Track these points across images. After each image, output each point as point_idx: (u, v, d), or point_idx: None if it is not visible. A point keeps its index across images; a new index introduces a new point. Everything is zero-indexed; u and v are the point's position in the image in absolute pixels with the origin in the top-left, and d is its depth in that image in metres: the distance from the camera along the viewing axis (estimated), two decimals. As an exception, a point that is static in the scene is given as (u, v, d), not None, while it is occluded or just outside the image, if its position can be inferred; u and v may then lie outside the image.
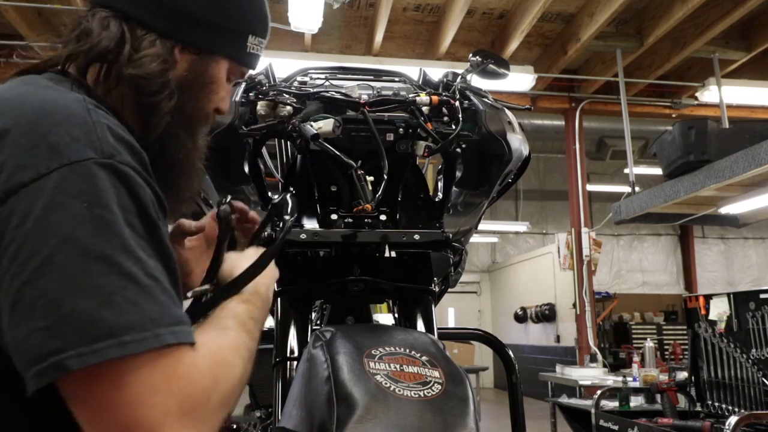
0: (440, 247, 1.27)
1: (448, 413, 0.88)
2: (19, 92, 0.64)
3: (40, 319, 0.52)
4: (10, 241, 0.54)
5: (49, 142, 0.57)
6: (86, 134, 0.59)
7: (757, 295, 2.71)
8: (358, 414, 0.83)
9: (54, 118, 0.59)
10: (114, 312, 0.53)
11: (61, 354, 0.51)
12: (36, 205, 0.54)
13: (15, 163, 0.56)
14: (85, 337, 0.51)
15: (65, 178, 0.56)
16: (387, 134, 1.24)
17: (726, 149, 3.80)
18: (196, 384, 0.57)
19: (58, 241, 0.53)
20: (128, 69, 0.71)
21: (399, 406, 0.85)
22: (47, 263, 0.53)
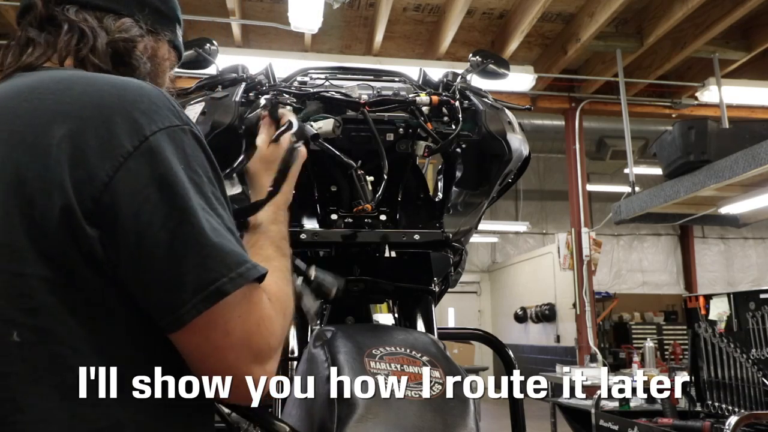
0: (440, 247, 1.27)
1: (448, 413, 0.88)
2: (73, 77, 0.70)
3: (191, 258, 0.61)
4: (145, 198, 0.62)
5: (141, 110, 0.65)
6: (165, 104, 0.68)
7: (757, 295, 2.71)
8: (359, 413, 0.83)
9: (132, 92, 0.67)
10: (236, 247, 0.64)
11: (217, 282, 0.61)
12: (153, 164, 0.63)
13: (121, 131, 0.63)
14: (230, 266, 0.62)
15: (165, 139, 0.64)
16: (387, 134, 1.24)
17: (726, 149, 3.80)
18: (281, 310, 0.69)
19: (183, 192, 0.63)
20: (113, 36, 0.78)
21: (399, 406, 0.85)
22: (185, 213, 0.62)
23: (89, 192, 0.61)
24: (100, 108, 0.64)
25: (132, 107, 0.65)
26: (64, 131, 0.63)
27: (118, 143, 0.62)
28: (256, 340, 0.64)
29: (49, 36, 0.77)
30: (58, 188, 0.61)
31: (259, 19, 5.81)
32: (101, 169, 0.62)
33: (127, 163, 0.62)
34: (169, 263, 0.61)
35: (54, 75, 0.71)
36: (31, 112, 0.65)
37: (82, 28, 0.78)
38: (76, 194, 0.61)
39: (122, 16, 0.81)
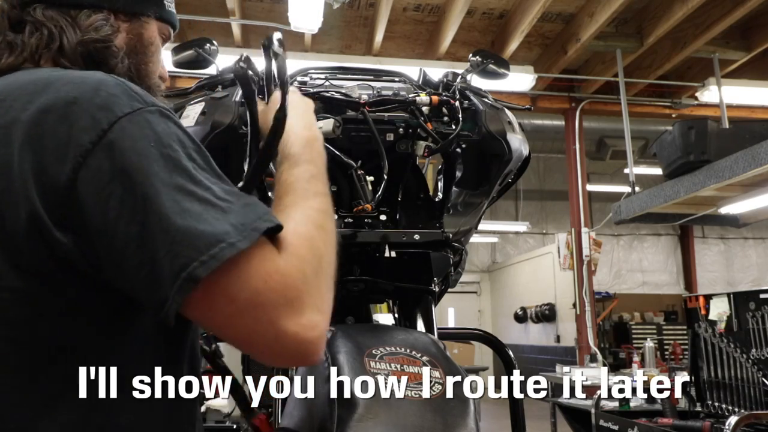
0: (440, 247, 1.27)
1: (448, 413, 0.88)
2: (38, 75, 0.69)
3: (161, 248, 0.58)
4: (108, 194, 0.60)
5: (98, 104, 0.63)
6: (124, 92, 0.66)
7: (757, 295, 2.71)
8: (359, 413, 0.83)
9: (90, 85, 0.65)
10: (211, 225, 0.59)
11: (188, 268, 0.57)
12: (113, 156, 0.61)
13: (77, 129, 0.61)
14: (200, 249, 0.58)
15: (125, 127, 0.62)
16: (387, 134, 1.24)
17: (726, 149, 3.80)
18: (309, 257, 0.64)
19: (142, 178, 0.60)
20: (83, 37, 0.76)
21: (399, 406, 0.85)
22: (146, 200, 0.59)
23: (55, 197, 0.60)
24: (56, 109, 0.63)
25: (88, 103, 0.63)
26: (23, 138, 0.62)
27: (76, 142, 0.61)
28: (268, 295, 0.59)
29: (18, 38, 0.76)
30: (24, 199, 0.60)
31: (259, 19, 5.81)
32: (62, 173, 0.60)
33: (87, 162, 0.60)
34: (144, 258, 0.59)
35: (19, 78, 0.70)
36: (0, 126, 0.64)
37: (49, 28, 0.76)
38: (42, 202, 0.60)
39: (97, 10, 0.79)
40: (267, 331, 0.59)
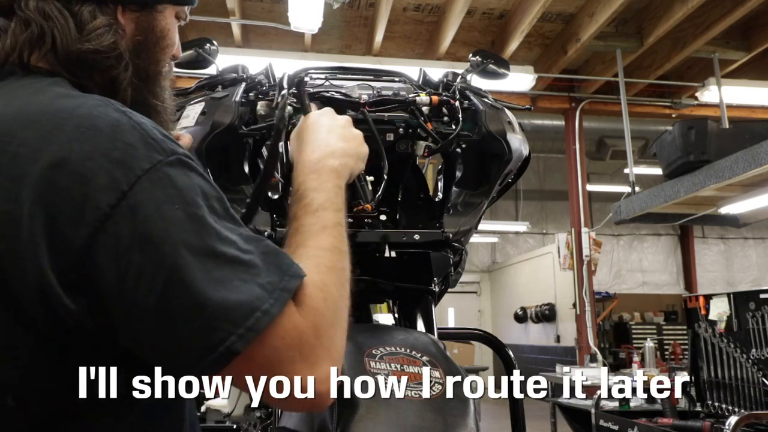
0: (440, 247, 1.27)
1: (448, 413, 0.88)
2: (39, 107, 0.62)
3: (194, 320, 0.56)
4: (128, 263, 0.56)
5: (116, 159, 0.58)
6: (142, 139, 0.60)
7: (757, 295, 2.71)
8: (359, 413, 0.83)
9: (104, 134, 0.59)
10: (243, 293, 0.57)
11: (226, 342, 0.56)
12: (135, 222, 0.56)
13: (95, 189, 0.56)
14: (236, 322, 0.56)
15: (146, 188, 0.57)
16: (387, 134, 1.24)
17: (726, 149, 3.80)
18: (322, 308, 0.63)
19: (170, 249, 0.56)
20: (80, 45, 0.68)
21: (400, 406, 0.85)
22: (174, 272, 0.56)
23: (68, 262, 0.56)
24: (70, 164, 0.57)
25: (105, 157, 0.57)
26: (34, 198, 0.56)
27: (94, 205, 0.56)
28: (286, 353, 0.59)
29: (7, 26, 0.68)
30: (32, 261, 0.56)
31: (259, 19, 5.81)
32: (78, 237, 0.56)
33: (105, 227, 0.56)
34: (164, 329, 0.56)
35: (16, 107, 0.62)
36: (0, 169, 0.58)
37: (41, 26, 0.67)
38: (53, 265, 0.56)
39: (102, 4, 0.70)
40: (287, 375, 0.60)
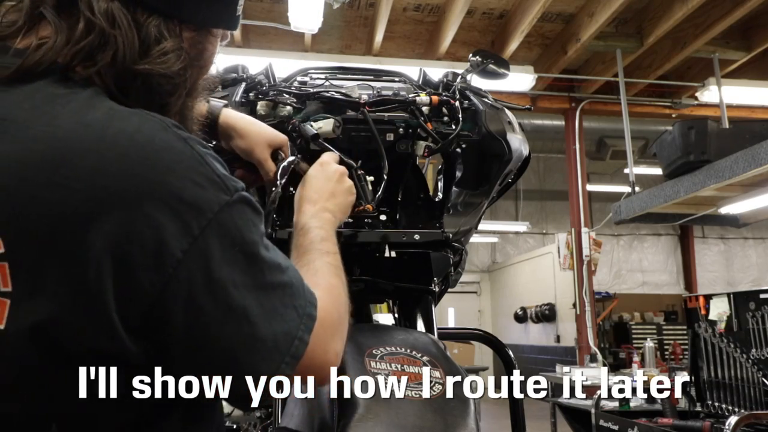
0: (440, 247, 1.27)
1: (448, 413, 0.88)
2: (95, 133, 0.56)
3: (255, 354, 0.61)
4: (199, 308, 0.58)
5: (187, 201, 0.57)
6: (207, 177, 0.59)
7: (757, 295, 2.71)
8: (360, 413, 0.83)
9: (172, 170, 0.57)
10: (287, 323, 0.64)
11: (278, 370, 0.62)
12: (204, 268, 0.58)
13: (167, 235, 0.56)
14: (282, 351, 0.63)
15: (215, 232, 0.58)
16: (387, 134, 1.24)
17: (726, 149, 3.80)
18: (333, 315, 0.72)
19: (236, 292, 0.59)
20: (147, 66, 0.63)
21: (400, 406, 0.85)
22: (239, 313, 0.60)
23: (136, 309, 0.55)
24: (142, 206, 0.54)
25: (176, 200, 0.56)
26: (104, 243, 0.53)
27: (167, 251, 0.55)
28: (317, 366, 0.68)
29: (62, 25, 0.60)
30: (97, 313, 0.54)
31: (259, 19, 5.81)
32: (150, 284, 0.55)
33: (177, 273, 0.56)
34: (232, 366, 0.60)
35: (60, 128, 0.55)
36: (58, 207, 0.53)
37: (107, 35, 0.60)
38: (120, 312, 0.54)
39: (167, 20, 0.65)
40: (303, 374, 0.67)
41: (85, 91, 0.59)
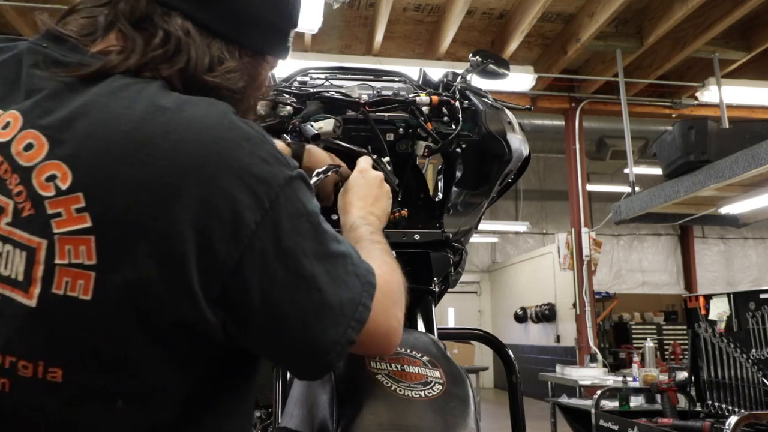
0: (440, 247, 1.27)
1: (448, 413, 0.88)
2: (178, 126, 0.60)
3: (325, 319, 0.64)
4: (272, 276, 0.61)
5: (256, 176, 0.60)
6: (271, 152, 0.63)
7: (757, 295, 2.71)
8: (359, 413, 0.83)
9: (241, 147, 0.61)
10: (351, 290, 0.67)
11: (346, 335, 0.66)
12: (276, 238, 0.61)
13: (242, 207, 0.59)
14: (349, 316, 0.66)
15: (282, 205, 0.62)
16: (387, 134, 1.24)
17: (726, 149, 3.79)
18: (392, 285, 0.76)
19: (306, 260, 0.63)
20: (214, 79, 0.68)
21: (400, 406, 0.85)
22: (310, 277, 0.63)
23: (216, 279, 0.58)
24: (218, 180, 0.58)
25: (248, 175, 0.60)
26: (187, 215, 0.56)
27: (243, 223, 0.58)
28: (382, 333, 0.72)
29: (138, 36, 0.65)
30: (181, 282, 0.57)
31: (259, 19, 5.81)
32: (228, 254, 0.58)
33: (252, 244, 0.59)
34: (303, 331, 0.63)
35: (138, 112, 0.59)
36: (143, 183, 0.56)
37: (184, 47, 0.66)
38: (202, 283, 0.57)
39: (230, 44, 0.71)
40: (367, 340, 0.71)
41: (154, 83, 0.64)
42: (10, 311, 0.56)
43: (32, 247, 0.56)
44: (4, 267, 0.56)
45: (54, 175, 0.56)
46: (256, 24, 0.73)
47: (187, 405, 0.62)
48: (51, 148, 0.57)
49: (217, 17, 0.69)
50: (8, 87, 0.62)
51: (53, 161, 0.57)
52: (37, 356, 0.56)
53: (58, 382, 0.56)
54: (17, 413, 0.57)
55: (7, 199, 0.57)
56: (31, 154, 0.57)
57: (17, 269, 0.56)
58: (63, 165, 0.56)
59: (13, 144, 0.58)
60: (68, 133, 0.57)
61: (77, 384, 0.57)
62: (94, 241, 0.55)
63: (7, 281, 0.56)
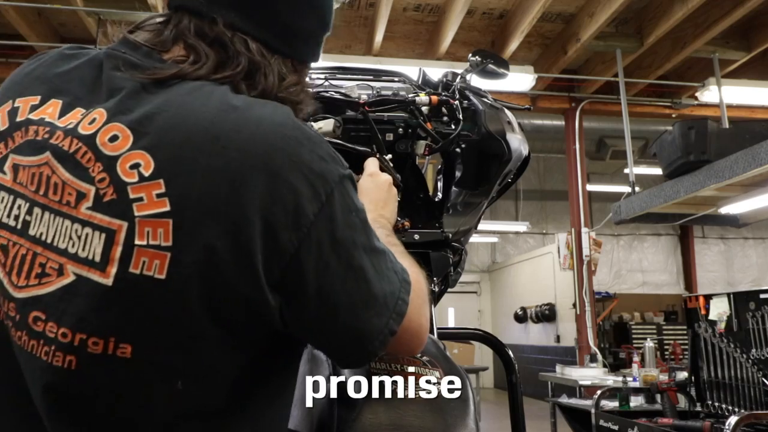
0: (440, 246, 1.27)
1: (448, 413, 0.88)
2: (248, 122, 0.66)
3: (370, 309, 0.68)
4: (326, 264, 0.65)
5: (315, 172, 0.66)
6: (327, 152, 0.69)
7: (757, 295, 2.71)
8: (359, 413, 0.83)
9: (303, 145, 0.66)
10: (392, 284, 0.71)
11: (388, 325, 0.69)
12: (331, 229, 0.66)
13: (303, 198, 0.64)
14: (390, 307, 0.70)
15: (337, 199, 0.67)
16: (386, 134, 1.24)
17: (726, 149, 3.79)
18: (421, 284, 0.78)
19: (356, 252, 0.68)
20: (281, 93, 0.74)
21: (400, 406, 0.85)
22: (359, 269, 0.68)
23: (278, 263, 0.62)
24: (283, 173, 0.64)
25: (308, 170, 0.65)
26: (255, 203, 0.62)
27: (303, 213, 0.63)
28: (415, 329, 0.74)
29: (216, 56, 0.71)
30: (247, 264, 0.61)
31: (259, 19, 5.81)
32: (289, 242, 0.63)
33: (310, 233, 0.64)
34: (351, 319, 0.67)
35: (212, 109, 0.65)
36: (218, 172, 0.62)
37: (258, 66, 0.73)
38: (265, 268, 0.62)
39: (285, 59, 0.78)
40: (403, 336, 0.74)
41: (222, 86, 0.69)
42: (85, 290, 0.60)
43: (112, 230, 0.60)
44: (82, 249, 0.61)
45: (138, 164, 0.61)
46: (303, 36, 0.80)
47: (235, 389, 0.65)
48: (135, 139, 0.62)
49: (276, 36, 0.76)
50: (87, 87, 0.69)
51: (137, 151, 0.62)
52: (109, 333, 0.60)
53: (127, 358, 0.60)
54: (81, 391, 0.60)
55: (89, 185, 0.62)
56: (116, 144, 0.63)
57: (95, 250, 0.60)
58: (146, 154, 0.62)
59: (98, 136, 0.63)
60: (150, 126, 0.63)
61: (145, 360, 0.60)
62: (172, 224, 0.60)
63: (84, 262, 0.61)
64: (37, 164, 0.64)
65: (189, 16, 0.73)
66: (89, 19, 5.72)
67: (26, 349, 0.61)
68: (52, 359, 0.60)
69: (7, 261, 0.63)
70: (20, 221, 0.63)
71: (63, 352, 0.60)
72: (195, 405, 0.63)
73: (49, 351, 0.60)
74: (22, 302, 0.62)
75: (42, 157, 0.64)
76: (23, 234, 0.63)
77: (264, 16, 0.75)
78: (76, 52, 0.73)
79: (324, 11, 0.82)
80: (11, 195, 0.65)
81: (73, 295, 0.60)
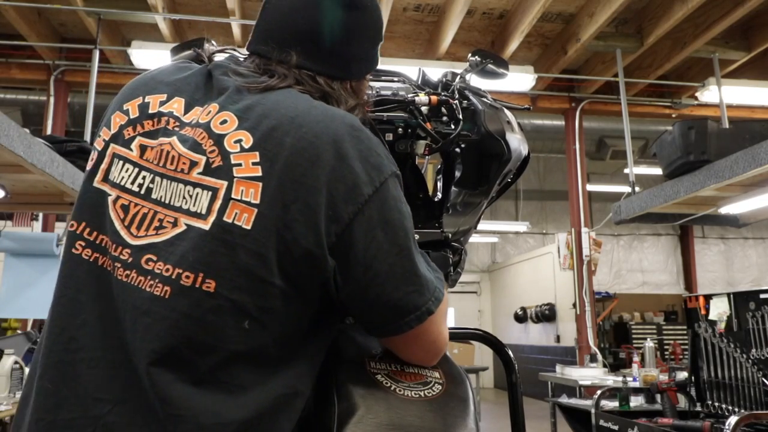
0: (439, 246, 1.27)
1: (448, 413, 0.87)
2: (320, 117, 0.82)
3: (412, 284, 0.81)
4: (373, 237, 0.79)
5: (373, 164, 0.81)
6: (384, 152, 0.84)
7: (757, 295, 2.71)
8: (359, 413, 0.83)
9: (364, 141, 0.82)
10: (436, 272, 0.87)
11: (427, 304, 0.82)
12: (381, 210, 0.80)
13: (360, 181, 0.79)
14: (431, 291, 0.83)
15: (388, 188, 0.81)
16: (386, 134, 1.24)
17: (726, 149, 3.79)
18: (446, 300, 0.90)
19: (403, 233, 0.81)
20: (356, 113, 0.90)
21: (399, 406, 0.85)
22: (404, 249, 0.81)
23: (335, 229, 0.77)
24: (348, 159, 0.79)
25: (367, 161, 0.80)
26: (324, 177, 0.77)
27: (360, 191, 0.78)
28: (435, 333, 0.87)
29: (290, 76, 0.88)
30: (313, 225, 0.75)
31: (259, 19, 5.81)
32: (345, 212, 0.77)
33: (363, 208, 0.78)
34: (391, 289, 0.80)
35: (301, 106, 0.82)
36: (300, 150, 0.77)
37: (327, 94, 0.89)
38: (326, 231, 0.76)
39: (344, 81, 0.93)
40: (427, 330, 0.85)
41: (304, 94, 0.87)
42: (190, 236, 0.75)
43: (216, 188, 0.76)
44: (193, 204, 0.77)
45: (240, 139, 0.78)
46: (362, 59, 0.97)
47: (288, 340, 0.78)
48: (239, 123, 0.80)
49: (335, 66, 0.92)
50: (202, 90, 0.87)
51: (241, 131, 0.79)
52: (199, 269, 0.73)
53: (210, 291, 0.73)
54: (169, 316, 0.73)
55: (201, 156, 0.78)
56: (225, 126, 0.80)
57: (202, 205, 0.76)
58: (247, 133, 0.79)
59: (213, 121, 0.81)
60: (251, 114, 0.80)
61: (223, 296, 0.73)
62: (261, 187, 0.75)
63: (194, 215, 0.76)
64: (161, 145, 0.81)
65: (259, 58, 0.91)
66: (89, 19, 5.72)
67: (133, 284, 0.75)
68: (153, 289, 0.74)
69: (127, 217, 0.78)
70: (144, 188, 0.79)
71: (162, 283, 0.73)
72: (254, 346, 0.75)
73: (153, 284, 0.74)
74: (138, 248, 0.76)
75: (168, 140, 0.81)
76: (147, 198, 0.79)
77: (325, 54, 0.91)
78: (188, 65, 0.94)
79: (375, 32, 0.98)
80: (136, 167, 0.81)
81: (182, 240, 0.75)
